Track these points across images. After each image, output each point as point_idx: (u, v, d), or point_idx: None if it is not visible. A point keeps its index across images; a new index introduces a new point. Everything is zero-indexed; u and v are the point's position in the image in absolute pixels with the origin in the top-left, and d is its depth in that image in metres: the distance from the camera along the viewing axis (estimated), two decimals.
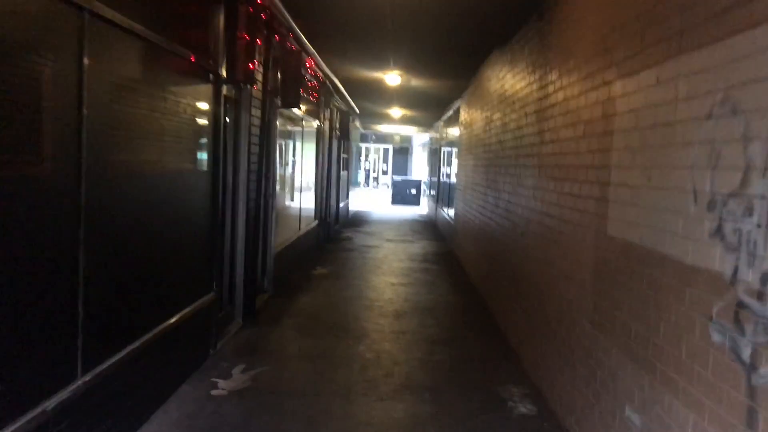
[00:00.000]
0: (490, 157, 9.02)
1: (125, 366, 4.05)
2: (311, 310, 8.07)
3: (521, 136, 6.75)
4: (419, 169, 40.06)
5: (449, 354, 6.44)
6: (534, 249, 5.87)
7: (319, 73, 11.07)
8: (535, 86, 6.18)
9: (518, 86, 7.10)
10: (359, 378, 5.61)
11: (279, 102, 8.43)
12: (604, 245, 3.92)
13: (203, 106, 5.45)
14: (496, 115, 8.68)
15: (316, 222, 13.36)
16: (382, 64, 10.93)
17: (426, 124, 25.59)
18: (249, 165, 6.94)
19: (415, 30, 8.27)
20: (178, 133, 4.95)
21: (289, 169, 11.22)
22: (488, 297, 8.72)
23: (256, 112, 7.13)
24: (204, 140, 5.52)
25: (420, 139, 38.43)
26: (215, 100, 5.70)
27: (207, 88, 5.54)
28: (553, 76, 5.44)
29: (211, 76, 5.59)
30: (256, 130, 7.12)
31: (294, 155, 11.54)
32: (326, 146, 14.20)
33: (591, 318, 4.12)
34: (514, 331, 6.70)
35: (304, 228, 11.81)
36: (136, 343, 4.26)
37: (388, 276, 10.64)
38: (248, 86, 6.78)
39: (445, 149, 19.97)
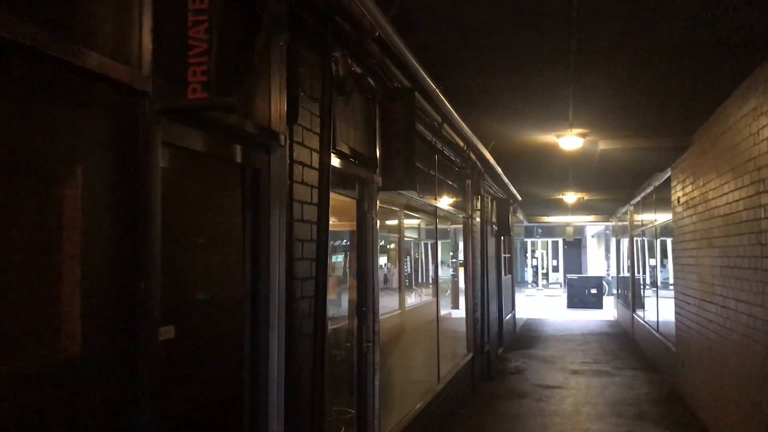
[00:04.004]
0: None
1: None
2: None
3: None
4: (595, 263, 34.86)
5: None
6: None
7: (457, 139, 7.38)
8: None
9: None
10: None
11: (378, 181, 4.78)
12: None
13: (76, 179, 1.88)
14: None
15: (470, 356, 9.35)
16: (555, 119, 7.07)
17: (605, 211, 21.05)
18: (294, 306, 3.24)
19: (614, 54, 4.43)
20: None
21: (421, 283, 7.48)
22: None
23: (306, 193, 3.47)
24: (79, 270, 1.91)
25: (593, 229, 33.51)
26: (130, 156, 2.11)
27: (102, 129, 1.98)
28: None
29: (114, 94, 2.04)
30: (306, 231, 3.44)
31: (426, 263, 7.84)
32: (479, 246, 10.34)
33: None
34: None
35: (448, 373, 7.84)
36: None
37: None
38: (279, 141, 3.18)
39: (639, 239, 15.35)
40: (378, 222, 4.81)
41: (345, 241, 5.09)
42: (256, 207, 3.10)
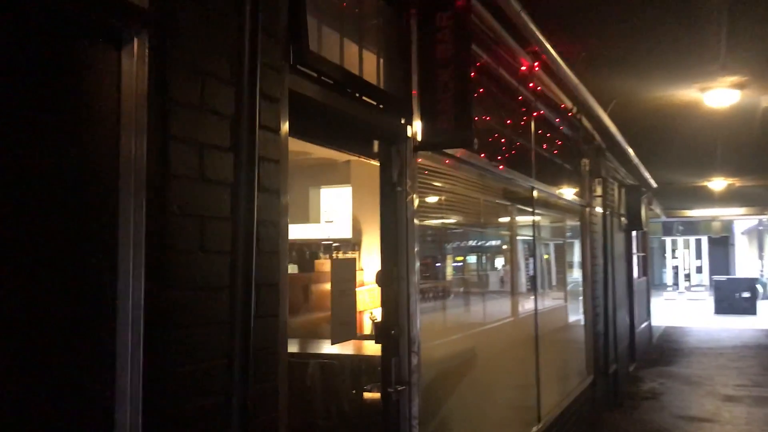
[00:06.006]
0: None
1: None
2: None
3: None
4: (745, 264, 30.85)
5: None
6: None
7: (561, 95, 5.53)
8: None
9: None
10: None
11: (415, 134, 3.13)
12: None
13: None
14: None
15: (589, 379, 7.42)
16: (699, 60, 5.09)
17: (759, 202, 18.12)
18: (173, 337, 1.68)
19: None
20: None
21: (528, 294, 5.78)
22: None
23: (212, 127, 1.88)
24: None
25: (743, 225, 29.63)
26: None
27: None
28: None
29: None
30: (213, 199, 1.86)
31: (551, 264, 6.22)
32: (600, 242, 8.33)
33: None
34: None
35: (556, 406, 5.99)
36: None
37: None
38: (137, 21, 1.63)
39: None
40: (415, 199, 3.14)
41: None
42: (79, 143, 1.55)
